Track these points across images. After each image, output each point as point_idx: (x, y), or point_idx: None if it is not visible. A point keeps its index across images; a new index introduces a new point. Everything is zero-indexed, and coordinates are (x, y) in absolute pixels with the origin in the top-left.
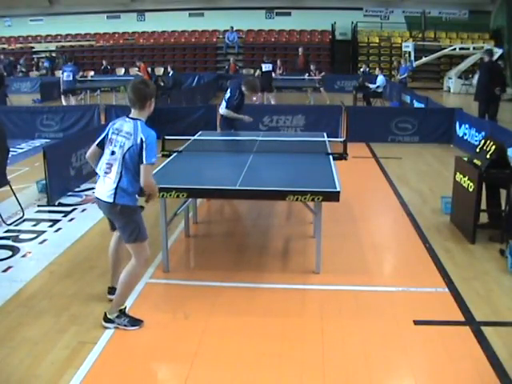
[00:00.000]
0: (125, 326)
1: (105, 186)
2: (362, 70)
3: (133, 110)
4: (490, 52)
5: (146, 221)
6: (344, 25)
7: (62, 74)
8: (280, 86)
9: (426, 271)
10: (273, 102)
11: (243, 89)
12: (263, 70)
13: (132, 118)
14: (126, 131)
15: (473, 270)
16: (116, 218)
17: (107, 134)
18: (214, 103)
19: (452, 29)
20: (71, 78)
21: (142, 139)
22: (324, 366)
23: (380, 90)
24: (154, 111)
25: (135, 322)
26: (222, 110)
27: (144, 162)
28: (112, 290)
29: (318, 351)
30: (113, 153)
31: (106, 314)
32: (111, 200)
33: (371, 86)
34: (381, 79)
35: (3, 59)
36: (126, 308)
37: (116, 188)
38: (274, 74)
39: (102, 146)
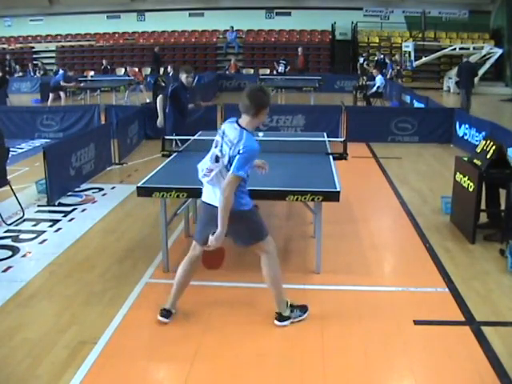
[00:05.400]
0: (300, 316)
1: (213, 191)
2: (360, 61)
3: (243, 116)
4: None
5: (145, 221)
6: (344, 25)
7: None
8: (280, 86)
9: (426, 271)
10: None
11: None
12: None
13: (240, 126)
14: (229, 139)
15: (473, 270)
16: (231, 224)
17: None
18: (214, 103)
19: (452, 29)
20: (57, 79)
21: (239, 151)
22: (324, 365)
23: (380, 90)
24: (155, 111)
25: (304, 309)
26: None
27: (231, 169)
28: (167, 313)
29: (318, 351)
30: (216, 158)
31: (279, 314)
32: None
33: (373, 89)
34: (379, 79)
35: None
36: (289, 301)
37: None
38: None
39: None
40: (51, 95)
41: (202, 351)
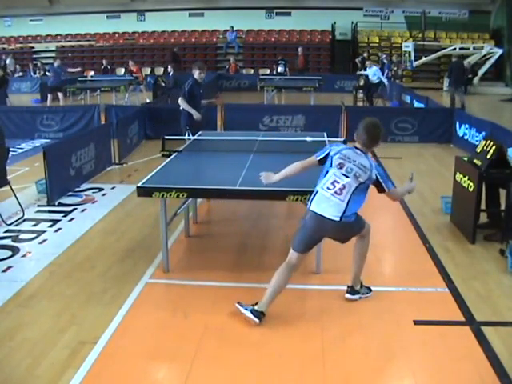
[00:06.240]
0: (366, 293)
1: (332, 206)
2: (361, 57)
3: (361, 146)
4: (457, 55)
5: (145, 221)
6: (344, 25)
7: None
8: (280, 86)
9: (426, 271)
10: None
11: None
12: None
13: (363, 152)
14: (361, 164)
15: (473, 270)
16: (340, 232)
17: (329, 156)
18: (216, 103)
19: (452, 29)
20: (53, 77)
21: (376, 176)
22: (324, 366)
23: (377, 80)
24: (155, 111)
25: (369, 289)
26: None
27: (386, 189)
28: (261, 314)
29: (318, 351)
30: (346, 177)
31: (351, 287)
32: (337, 219)
33: (385, 80)
34: (373, 71)
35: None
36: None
37: (345, 211)
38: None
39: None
40: (49, 96)
41: (201, 351)
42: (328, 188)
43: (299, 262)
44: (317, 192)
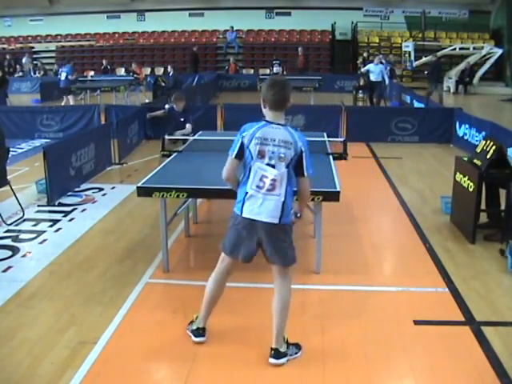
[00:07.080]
0: (295, 354)
1: (267, 205)
2: (361, 58)
3: (273, 114)
4: (435, 54)
5: (145, 221)
6: (344, 25)
7: (60, 74)
8: None
9: (426, 271)
10: None
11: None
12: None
13: (280, 124)
14: (282, 140)
15: (473, 270)
16: (276, 241)
17: (245, 145)
18: (214, 103)
19: (452, 29)
20: (64, 78)
21: (301, 149)
22: (324, 365)
23: (378, 79)
24: (155, 111)
25: (299, 346)
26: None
27: (305, 173)
28: (203, 332)
29: (317, 351)
30: (273, 166)
31: (276, 350)
32: (276, 221)
33: (385, 79)
34: (377, 68)
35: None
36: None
37: (282, 207)
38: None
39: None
40: (69, 97)
41: (201, 351)
42: (258, 186)
43: (234, 268)
44: (246, 194)
